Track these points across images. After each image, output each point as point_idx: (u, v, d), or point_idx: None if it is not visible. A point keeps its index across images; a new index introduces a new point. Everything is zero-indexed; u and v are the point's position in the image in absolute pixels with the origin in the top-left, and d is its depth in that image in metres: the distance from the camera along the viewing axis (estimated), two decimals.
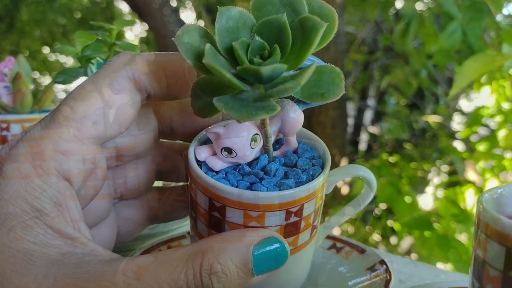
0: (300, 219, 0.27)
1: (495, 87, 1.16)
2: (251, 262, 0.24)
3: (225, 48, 0.24)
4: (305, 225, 0.28)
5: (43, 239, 0.23)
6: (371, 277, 0.33)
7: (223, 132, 0.27)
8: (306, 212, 0.27)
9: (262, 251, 0.24)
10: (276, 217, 0.26)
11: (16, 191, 0.23)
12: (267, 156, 0.28)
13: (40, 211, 0.23)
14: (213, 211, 0.27)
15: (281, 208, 0.26)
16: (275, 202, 0.26)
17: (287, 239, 0.27)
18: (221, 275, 0.23)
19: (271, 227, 0.26)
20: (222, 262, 0.23)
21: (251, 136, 0.27)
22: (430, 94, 2.11)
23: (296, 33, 0.24)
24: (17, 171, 0.24)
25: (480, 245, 0.21)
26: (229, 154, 0.27)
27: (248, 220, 0.26)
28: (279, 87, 0.23)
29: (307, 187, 0.27)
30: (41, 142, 0.24)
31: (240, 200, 0.26)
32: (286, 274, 0.29)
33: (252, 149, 0.27)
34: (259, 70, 0.23)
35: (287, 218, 0.27)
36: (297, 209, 0.27)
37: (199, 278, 0.23)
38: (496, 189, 0.25)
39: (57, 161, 0.24)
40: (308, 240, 0.29)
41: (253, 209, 0.26)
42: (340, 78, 0.26)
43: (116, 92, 0.26)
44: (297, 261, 0.29)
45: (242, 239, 0.24)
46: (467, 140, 1.69)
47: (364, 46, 2.32)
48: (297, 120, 0.28)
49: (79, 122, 0.25)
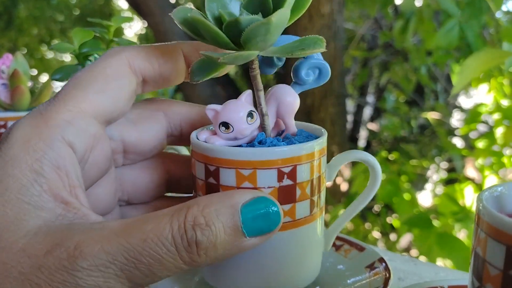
0: (294, 183, 0.27)
1: (494, 84, 1.16)
2: (239, 219, 0.23)
3: (213, 17, 0.26)
4: (301, 194, 0.28)
5: (37, 200, 0.23)
6: (370, 275, 0.33)
7: (221, 109, 0.28)
8: (301, 177, 0.28)
9: (251, 208, 0.24)
10: (268, 177, 0.27)
11: (16, 154, 0.23)
12: (263, 133, 0.29)
13: (38, 173, 0.23)
14: (209, 178, 0.28)
15: (272, 165, 0.26)
16: (266, 158, 0.26)
17: (283, 206, 0.27)
18: (205, 227, 0.23)
19: (264, 189, 0.27)
20: (206, 215, 0.23)
21: (247, 112, 0.28)
22: (429, 91, 2.11)
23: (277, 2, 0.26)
24: (21, 137, 0.24)
25: (480, 243, 0.21)
26: (226, 130, 0.28)
27: (240, 181, 0.27)
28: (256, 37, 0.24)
29: (299, 146, 0.27)
30: (46, 112, 0.25)
31: (232, 158, 0.27)
32: (286, 253, 0.29)
33: (248, 124, 0.28)
34: (239, 20, 0.24)
35: (279, 179, 0.27)
36: (290, 170, 0.27)
37: (183, 229, 0.22)
38: (496, 187, 0.24)
39: (62, 128, 0.25)
40: (308, 217, 0.29)
41: (244, 167, 0.26)
42: (322, 40, 0.26)
43: (113, 72, 0.27)
44: (297, 241, 0.29)
45: (230, 196, 0.24)
46: (466, 137, 1.69)
47: (363, 43, 2.32)
48: (294, 102, 0.29)
49: (83, 97, 0.26)
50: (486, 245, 0.21)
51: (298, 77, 0.30)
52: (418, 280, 0.40)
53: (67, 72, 0.45)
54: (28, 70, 0.57)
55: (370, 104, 2.44)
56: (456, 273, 0.43)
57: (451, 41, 1.11)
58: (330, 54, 1.46)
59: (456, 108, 2.12)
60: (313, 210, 0.29)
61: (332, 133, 1.55)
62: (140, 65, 0.28)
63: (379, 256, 0.35)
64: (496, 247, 0.20)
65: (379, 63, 2.24)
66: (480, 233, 0.21)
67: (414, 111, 2.06)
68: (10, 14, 2.85)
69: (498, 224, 0.20)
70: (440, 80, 1.94)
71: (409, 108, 2.13)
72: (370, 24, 2.13)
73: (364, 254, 0.36)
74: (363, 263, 0.35)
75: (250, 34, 0.24)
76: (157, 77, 0.29)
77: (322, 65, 0.30)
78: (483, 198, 0.22)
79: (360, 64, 2.36)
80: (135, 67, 0.28)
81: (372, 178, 0.32)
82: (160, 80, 0.29)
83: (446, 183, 1.68)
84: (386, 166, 1.47)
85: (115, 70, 0.27)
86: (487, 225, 0.20)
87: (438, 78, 1.92)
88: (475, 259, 0.22)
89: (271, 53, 0.27)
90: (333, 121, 1.54)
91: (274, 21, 0.23)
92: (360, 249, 0.37)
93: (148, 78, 0.29)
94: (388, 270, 0.33)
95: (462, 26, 1.11)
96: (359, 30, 2.08)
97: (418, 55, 1.54)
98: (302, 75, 0.29)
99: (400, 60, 1.93)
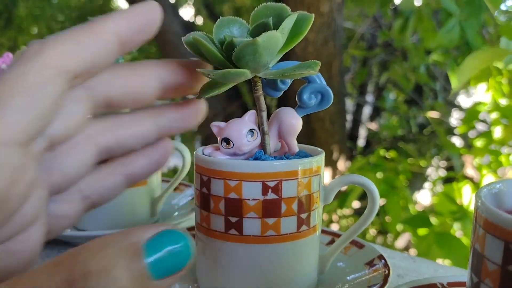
0: (279, 198, 0.28)
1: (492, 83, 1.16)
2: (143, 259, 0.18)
3: (218, 39, 0.27)
4: (287, 209, 0.29)
5: None
6: (369, 272, 0.34)
7: (224, 126, 0.30)
8: (286, 193, 0.29)
9: (157, 245, 0.18)
10: (253, 189, 0.28)
11: None
12: (262, 151, 0.30)
13: None
14: (202, 188, 0.30)
15: (257, 178, 0.28)
16: (251, 170, 0.28)
17: (267, 219, 0.28)
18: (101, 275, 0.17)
19: (249, 200, 0.28)
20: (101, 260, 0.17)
21: (248, 130, 0.29)
22: (428, 90, 2.11)
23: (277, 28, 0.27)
24: None
25: (479, 239, 0.21)
26: (227, 145, 0.30)
27: (227, 191, 0.29)
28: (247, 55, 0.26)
29: (286, 162, 0.29)
30: None
31: (220, 169, 0.29)
32: (270, 267, 0.29)
33: (248, 142, 0.29)
34: (233, 41, 0.25)
35: (264, 192, 0.28)
36: (275, 185, 0.28)
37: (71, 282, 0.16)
38: (495, 184, 0.25)
39: None
40: (295, 234, 0.29)
41: (231, 178, 0.28)
42: (316, 64, 0.27)
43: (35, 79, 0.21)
44: (282, 257, 0.29)
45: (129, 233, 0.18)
46: (465, 136, 1.70)
47: (362, 42, 2.31)
48: (296, 124, 0.31)
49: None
50: (485, 241, 0.21)
51: (301, 100, 0.31)
52: (417, 276, 0.40)
53: None
54: None
55: (369, 103, 2.44)
56: (455, 270, 0.43)
57: (452, 40, 1.12)
58: (330, 53, 1.46)
59: (455, 107, 2.12)
60: (301, 228, 0.30)
61: (332, 131, 1.56)
62: (69, 62, 0.22)
63: (379, 253, 0.35)
64: (494, 242, 0.20)
65: (378, 62, 2.24)
66: (478, 229, 0.21)
67: (414, 110, 2.06)
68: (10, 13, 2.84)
69: (496, 220, 0.20)
70: (439, 79, 1.94)
71: (408, 107, 2.14)
72: (370, 23, 2.13)
73: (364, 251, 0.36)
74: (363, 260, 0.35)
75: (240, 53, 0.25)
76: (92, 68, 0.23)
77: (325, 90, 0.31)
78: (481, 195, 0.23)
79: (360, 63, 2.36)
80: (63, 66, 0.22)
81: (370, 203, 0.32)
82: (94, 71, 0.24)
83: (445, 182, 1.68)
84: (383, 165, 1.47)
85: (37, 75, 0.21)
86: (486, 221, 0.21)
87: (437, 77, 1.93)
88: (474, 255, 0.22)
89: (264, 75, 0.28)
90: (332, 120, 1.54)
91: (260, 42, 0.25)
92: (360, 246, 0.37)
93: (81, 72, 0.23)
94: (388, 267, 0.33)
95: (462, 25, 1.11)
96: (359, 29, 2.08)
97: (417, 54, 1.54)
98: (304, 99, 0.31)
99: (399, 59, 1.93)
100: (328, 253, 0.34)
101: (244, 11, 2.41)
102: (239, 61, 0.26)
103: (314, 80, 0.31)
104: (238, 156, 0.30)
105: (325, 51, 1.44)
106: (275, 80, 0.31)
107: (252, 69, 0.27)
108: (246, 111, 0.31)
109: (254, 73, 0.28)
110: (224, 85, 0.29)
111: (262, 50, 0.25)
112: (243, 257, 0.29)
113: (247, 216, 0.28)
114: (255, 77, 0.29)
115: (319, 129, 1.53)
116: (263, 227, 0.28)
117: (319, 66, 0.27)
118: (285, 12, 0.27)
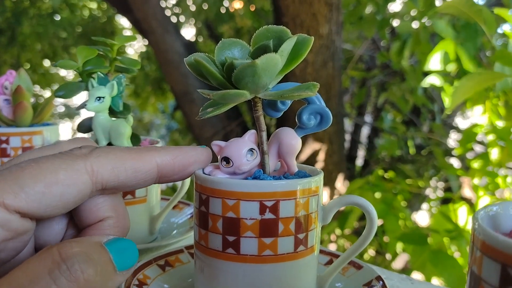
0: (277, 218, 0.28)
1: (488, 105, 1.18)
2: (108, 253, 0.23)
3: (220, 61, 0.28)
4: (285, 229, 0.29)
5: None
6: None
7: (224, 145, 0.30)
8: (284, 213, 0.28)
9: (114, 244, 0.23)
10: (250, 208, 0.28)
11: None
12: (261, 170, 0.30)
13: None
14: (201, 206, 0.30)
15: (254, 198, 0.28)
16: (249, 190, 0.28)
17: (264, 239, 0.28)
18: (86, 258, 0.22)
19: (246, 220, 0.28)
20: (81, 247, 0.22)
21: (247, 149, 0.30)
22: (426, 111, 2.13)
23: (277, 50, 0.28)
24: None
25: (476, 261, 0.21)
26: (227, 164, 0.30)
27: (225, 210, 0.28)
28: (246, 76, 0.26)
29: (284, 182, 0.29)
30: None
31: (218, 188, 0.29)
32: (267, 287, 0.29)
33: (248, 161, 0.29)
34: (233, 63, 0.26)
35: (261, 212, 0.28)
36: (272, 204, 0.28)
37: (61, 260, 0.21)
38: (492, 206, 0.25)
39: None
40: (292, 254, 0.29)
41: (229, 197, 0.28)
42: (314, 86, 0.28)
43: (67, 178, 0.24)
44: (280, 277, 0.29)
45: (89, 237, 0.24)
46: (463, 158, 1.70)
47: (361, 63, 2.35)
48: (295, 144, 0.31)
49: (13, 191, 0.22)
50: (482, 263, 0.21)
51: (300, 121, 0.32)
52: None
53: (70, 89, 0.46)
54: (31, 86, 0.58)
55: (367, 123, 2.46)
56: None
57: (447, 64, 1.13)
58: (329, 74, 1.47)
59: (453, 128, 2.14)
60: (298, 248, 0.30)
61: (330, 152, 1.56)
62: (104, 176, 0.26)
63: (377, 275, 0.35)
64: (491, 265, 0.20)
65: (376, 83, 2.26)
66: (475, 251, 0.22)
67: (411, 131, 2.07)
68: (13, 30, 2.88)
69: (493, 243, 0.20)
70: (437, 100, 1.96)
71: (406, 128, 2.15)
72: (368, 45, 2.16)
73: (362, 272, 0.36)
74: (361, 281, 0.35)
75: (239, 75, 0.26)
76: (119, 186, 0.27)
77: (324, 111, 0.31)
78: (478, 217, 0.23)
79: (358, 84, 2.38)
80: (98, 178, 0.25)
81: (368, 224, 0.32)
82: (121, 188, 0.27)
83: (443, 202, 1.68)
84: (381, 185, 1.47)
85: (69, 176, 0.24)
86: (483, 243, 0.21)
87: (435, 99, 1.94)
88: (471, 277, 0.22)
89: (264, 96, 0.29)
90: (331, 140, 1.55)
91: (259, 64, 0.25)
92: (358, 267, 0.37)
93: (109, 187, 0.26)
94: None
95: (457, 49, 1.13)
96: (357, 51, 2.11)
97: (415, 76, 1.56)
98: (304, 120, 0.31)
99: (397, 80, 1.95)
100: (327, 274, 0.34)
101: (245, 32, 2.45)
102: (238, 82, 0.27)
103: (314, 101, 0.31)
104: (238, 175, 0.30)
105: (324, 72, 1.46)
106: (275, 101, 0.31)
107: (252, 90, 0.27)
108: (246, 129, 0.31)
109: (254, 94, 0.28)
110: (224, 105, 0.29)
111: (261, 71, 0.26)
112: (241, 276, 0.29)
113: (244, 235, 0.28)
114: (255, 98, 0.29)
115: (318, 149, 1.54)
116: (260, 247, 0.28)
117: (317, 88, 0.28)
118: (285, 35, 0.28)
